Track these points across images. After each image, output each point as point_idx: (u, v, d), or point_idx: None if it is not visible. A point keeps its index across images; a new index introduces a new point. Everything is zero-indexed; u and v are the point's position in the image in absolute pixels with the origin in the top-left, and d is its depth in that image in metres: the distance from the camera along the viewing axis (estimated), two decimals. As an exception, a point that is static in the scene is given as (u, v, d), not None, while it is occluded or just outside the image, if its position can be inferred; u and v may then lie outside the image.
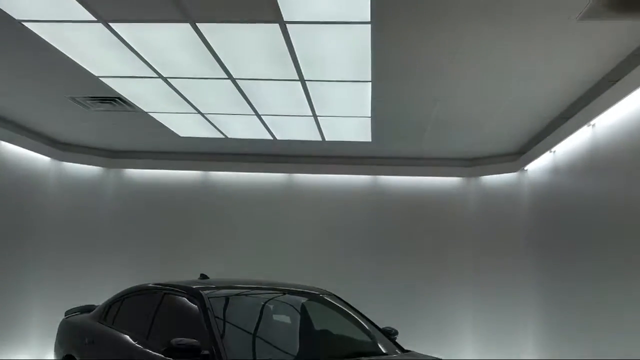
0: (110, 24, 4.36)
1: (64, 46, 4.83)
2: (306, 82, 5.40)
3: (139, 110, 6.48)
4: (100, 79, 5.55)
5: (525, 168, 7.55)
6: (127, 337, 4.83)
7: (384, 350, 4.63)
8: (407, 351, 4.72)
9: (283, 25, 4.26)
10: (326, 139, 7.46)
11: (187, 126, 7.16)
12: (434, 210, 8.50)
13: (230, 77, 5.36)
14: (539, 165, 7.09)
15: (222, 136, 7.51)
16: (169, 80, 5.53)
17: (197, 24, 4.29)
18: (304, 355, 4.32)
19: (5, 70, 5.50)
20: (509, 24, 4.10)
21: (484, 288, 8.05)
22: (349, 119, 6.54)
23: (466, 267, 8.27)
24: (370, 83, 5.35)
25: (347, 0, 3.89)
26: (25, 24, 4.40)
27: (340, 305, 5.17)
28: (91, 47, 4.84)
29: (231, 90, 5.70)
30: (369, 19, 4.09)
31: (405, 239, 8.46)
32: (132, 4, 4.05)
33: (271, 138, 7.49)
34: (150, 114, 6.64)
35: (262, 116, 6.54)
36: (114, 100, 6.16)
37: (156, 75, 5.41)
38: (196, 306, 4.33)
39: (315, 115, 6.43)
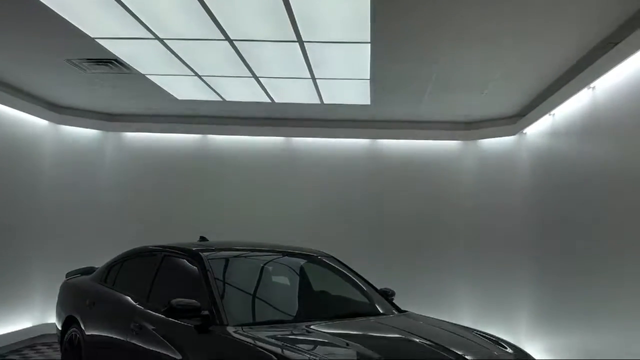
0: (105, -17, 4.29)
1: (59, 6, 4.76)
2: (304, 43, 5.34)
3: (136, 72, 6.42)
4: (96, 40, 5.48)
5: (524, 131, 7.53)
6: (128, 298, 4.89)
7: (381, 311, 4.69)
8: (404, 311, 4.79)
9: (281, -15, 4.20)
10: (325, 102, 7.41)
11: (184, 89, 7.11)
12: (432, 173, 8.51)
13: (227, 38, 5.29)
14: (538, 129, 7.08)
15: (219, 99, 7.47)
16: (165, 41, 5.47)
17: (193, -17, 4.23)
18: (302, 315, 4.38)
19: (1, 32, 5.43)
20: (511, -17, 4.04)
21: (481, 250, 8.12)
22: (348, 81, 6.49)
23: (464, 230, 8.32)
24: (370, 44, 5.29)
25: (346, -41, 3.82)
26: (19, -17, 4.33)
27: (338, 267, 5.22)
28: (86, 8, 4.77)
29: (229, 52, 5.64)
30: (368, -21, 4.03)
31: (403, 202, 8.48)
32: (127, -37, 3.98)
33: (269, 101, 7.44)
34: (147, 76, 6.59)
35: (260, 79, 6.49)
36: (111, 62, 6.10)
37: (152, 37, 5.34)
38: (196, 268, 4.37)
39: (313, 78, 6.38)
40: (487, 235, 8.06)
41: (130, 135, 8.88)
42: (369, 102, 7.33)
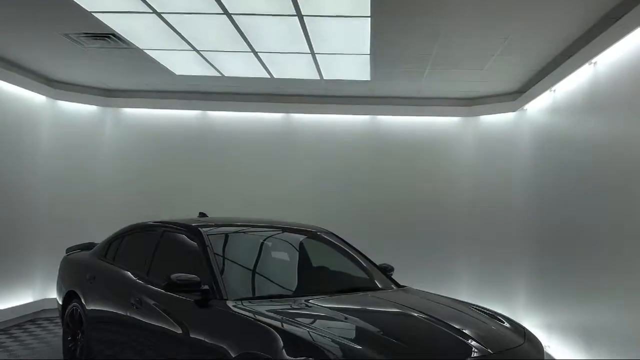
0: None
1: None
2: (304, 17, 5.28)
3: (134, 47, 6.36)
4: (94, 14, 5.42)
5: (525, 108, 7.50)
6: (128, 273, 4.92)
7: (380, 286, 4.73)
8: (403, 287, 4.83)
9: (280, -43, 4.14)
10: (324, 78, 7.36)
11: (183, 64, 7.06)
12: (432, 150, 8.50)
13: (225, 12, 5.23)
14: (539, 105, 7.04)
15: (218, 74, 7.42)
16: (163, 15, 5.40)
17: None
18: (301, 290, 4.41)
19: (-4, 5, 5.38)
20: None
21: (480, 226, 8.14)
22: (348, 56, 6.43)
23: (463, 206, 8.33)
24: (370, 18, 5.23)
25: None
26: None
27: (338, 243, 5.25)
28: (82, -19, 4.71)
29: (227, 26, 5.58)
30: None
31: (403, 178, 8.48)
32: None
33: (268, 76, 7.39)
34: (145, 51, 6.53)
35: (258, 53, 6.43)
36: (108, 36, 6.04)
37: (150, 11, 5.28)
38: (195, 243, 4.39)
39: (313, 53, 6.32)
40: (487, 211, 8.07)
41: (129, 111, 8.84)
42: (369, 78, 7.28)
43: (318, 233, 5.31)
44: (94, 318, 5.15)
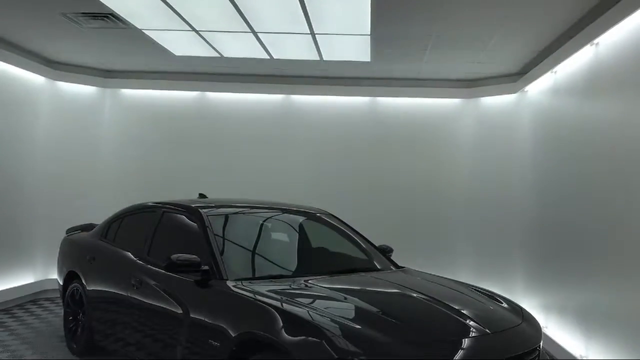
0: None
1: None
2: (304, -4, 5.24)
3: (132, 27, 6.31)
4: (91, -7, 5.38)
5: (525, 89, 7.47)
6: (128, 253, 4.94)
7: (379, 267, 4.75)
8: (402, 267, 4.85)
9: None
10: (324, 59, 7.32)
11: (182, 45, 7.01)
12: (432, 131, 8.48)
13: (225, -9, 5.19)
14: (540, 87, 7.01)
15: (217, 55, 7.37)
16: (162, -6, 5.36)
17: None
18: (301, 271, 4.43)
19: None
20: None
21: (479, 208, 8.16)
22: (348, 37, 6.39)
23: (463, 188, 8.34)
24: (370, -1, 5.19)
25: None
26: None
27: (337, 224, 5.27)
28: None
29: (227, 6, 5.53)
30: None
31: (403, 160, 8.48)
32: None
33: (268, 57, 7.35)
34: (144, 31, 6.48)
35: (258, 34, 6.39)
36: (107, 16, 5.99)
37: (149, -10, 5.24)
38: (195, 224, 4.40)
39: (313, 33, 6.28)
40: (486, 194, 8.08)
41: (128, 92, 8.80)
42: (369, 59, 7.24)
43: (317, 214, 5.33)
44: (94, 298, 5.19)
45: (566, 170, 5.96)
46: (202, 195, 5.73)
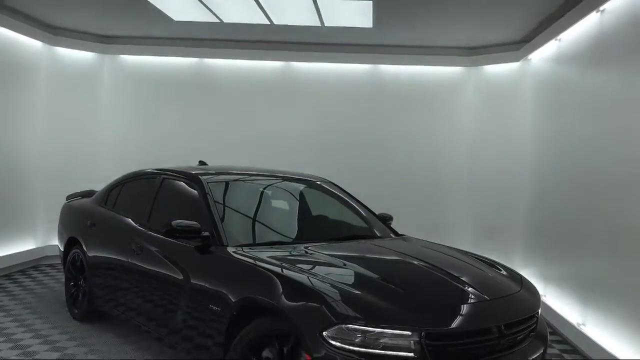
0: None
1: None
2: (305, -39, 5.14)
3: (130, -9, 6.22)
4: (89, -45, 5.27)
5: (529, 57, 7.38)
6: (128, 219, 4.94)
7: (378, 234, 4.76)
8: (401, 235, 4.86)
9: None
10: (325, 24, 7.21)
11: (181, 9, 6.90)
12: (434, 100, 8.42)
13: (225, -46, 5.08)
14: (543, 55, 6.93)
15: (217, 20, 7.26)
16: (160, -43, 5.26)
17: None
18: (301, 238, 4.43)
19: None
20: None
21: (480, 177, 8.15)
22: (350, 2, 6.28)
23: (464, 157, 8.32)
24: (372, -37, 5.10)
25: None
26: None
27: (337, 192, 5.26)
28: None
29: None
30: None
31: (404, 128, 8.44)
32: None
33: (268, 23, 7.24)
34: (142, -5, 6.38)
35: (258, -1, 6.29)
36: (104, -20, 5.90)
37: (147, -48, 5.13)
38: (195, 191, 4.39)
39: (314, -1, 6.18)
40: (487, 162, 8.06)
41: (127, 59, 8.70)
42: (371, 25, 7.14)
43: (318, 182, 5.32)
44: (95, 264, 5.21)
45: (569, 139, 5.92)
46: (202, 163, 5.72)
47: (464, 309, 3.22)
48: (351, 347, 2.85)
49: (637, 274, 4.29)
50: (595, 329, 4.98)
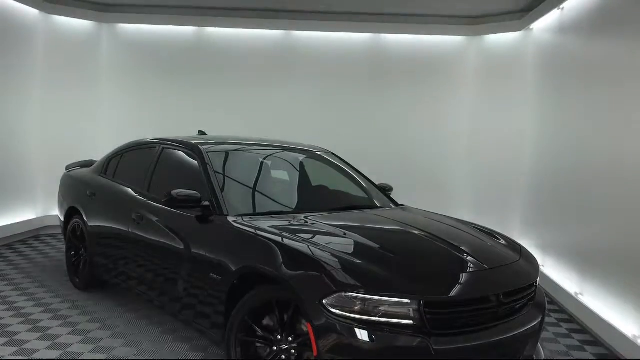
0: None
1: None
2: None
3: (127, -42, 6.11)
4: None
5: (531, 27, 7.31)
6: (128, 189, 4.94)
7: (378, 204, 4.77)
8: (401, 205, 4.87)
9: None
10: (326, -7, 7.14)
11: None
12: (435, 70, 8.38)
13: None
14: (545, 24, 6.86)
15: (216, -11, 7.17)
16: None
17: None
18: (301, 208, 4.44)
19: None
20: None
21: (480, 146, 8.14)
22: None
23: (465, 127, 8.30)
24: None
25: None
26: None
27: (337, 163, 5.25)
28: None
29: None
30: None
31: (405, 99, 8.40)
32: None
33: (268, -9, 7.16)
34: (140, -38, 6.28)
35: (258, -34, 6.19)
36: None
37: None
38: (195, 161, 4.38)
39: (314, -34, 6.09)
40: (488, 132, 8.05)
41: (125, 27, 8.61)
42: (371, -6, 7.05)
43: (318, 153, 5.31)
44: (95, 234, 5.23)
45: (570, 110, 5.89)
46: (201, 133, 5.69)
47: (463, 277, 3.23)
48: (351, 315, 2.88)
49: (634, 244, 4.31)
50: (592, 298, 5.03)
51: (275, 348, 3.23)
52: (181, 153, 4.68)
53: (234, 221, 3.76)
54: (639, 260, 4.24)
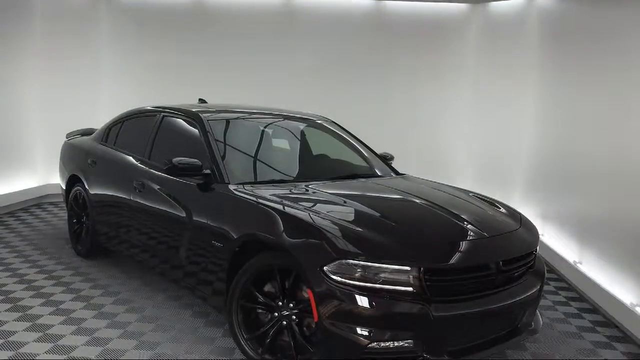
0: None
1: None
2: None
3: None
4: None
5: (535, -6, 7.21)
6: (129, 157, 4.94)
7: (379, 173, 4.77)
8: (402, 174, 4.87)
9: None
10: (327, -41, 7.02)
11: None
12: (438, 36, 8.30)
13: None
14: (550, -9, 6.76)
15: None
16: None
17: None
18: (301, 177, 4.44)
19: None
20: None
21: (481, 117, 8.11)
22: None
23: (466, 96, 8.25)
24: None
25: None
26: None
27: (338, 131, 5.24)
28: None
29: None
30: None
31: (407, 67, 8.34)
32: None
33: (268, -43, 7.04)
34: None
35: None
36: None
37: None
38: (196, 129, 4.37)
39: None
40: (490, 100, 8.00)
41: (124, -6, 8.51)
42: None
43: (319, 121, 5.29)
44: (97, 202, 5.24)
45: (573, 80, 5.84)
46: (201, 101, 5.67)
47: (463, 245, 3.26)
48: (351, 282, 2.91)
49: (633, 213, 4.32)
50: (591, 267, 5.06)
51: (277, 314, 3.28)
52: (181, 121, 4.66)
53: (235, 189, 3.76)
54: (637, 230, 4.26)
